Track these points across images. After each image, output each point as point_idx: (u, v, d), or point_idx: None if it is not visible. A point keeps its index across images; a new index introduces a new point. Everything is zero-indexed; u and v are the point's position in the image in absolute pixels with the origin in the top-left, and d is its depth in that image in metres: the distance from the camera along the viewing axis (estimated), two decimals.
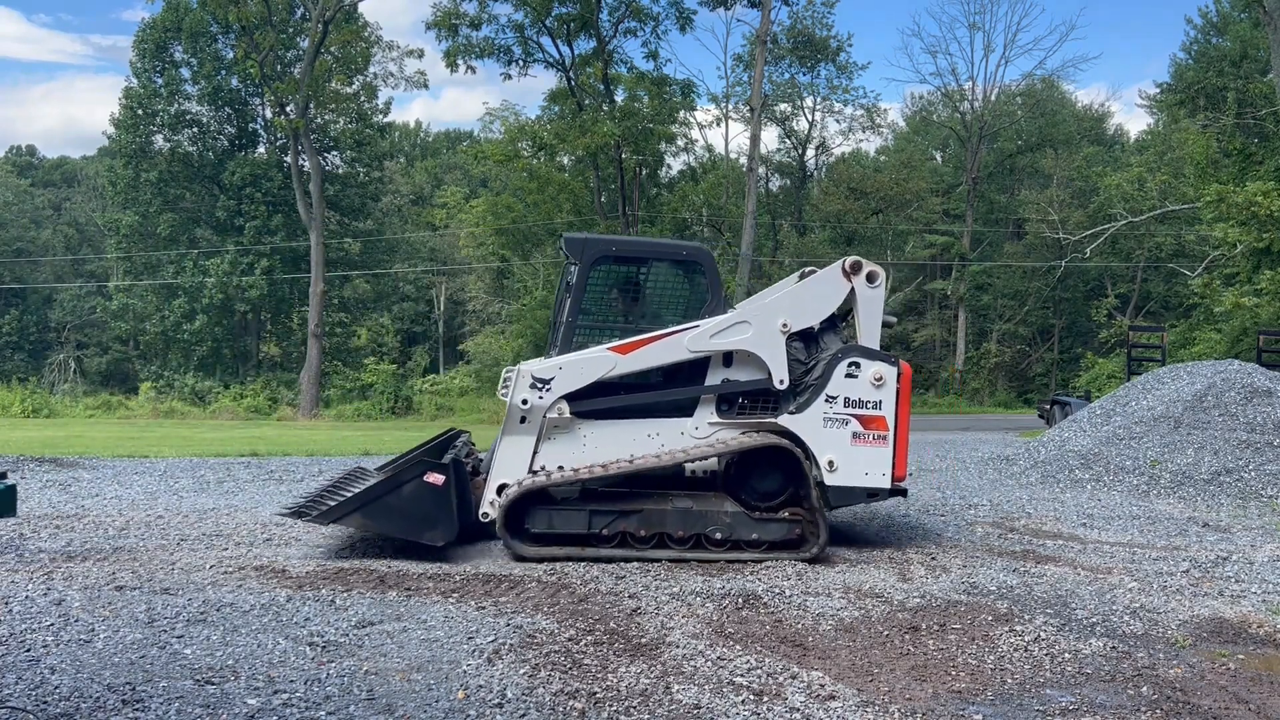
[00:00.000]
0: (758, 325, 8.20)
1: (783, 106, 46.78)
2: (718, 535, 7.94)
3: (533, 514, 7.96)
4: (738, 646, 5.52)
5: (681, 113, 40.44)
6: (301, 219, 36.99)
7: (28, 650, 5.11)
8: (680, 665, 5.16)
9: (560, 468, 8.13)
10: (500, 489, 8.05)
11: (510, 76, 37.63)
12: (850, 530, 9.52)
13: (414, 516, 7.88)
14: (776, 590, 6.84)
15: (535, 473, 8.08)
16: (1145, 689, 4.97)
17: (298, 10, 40.06)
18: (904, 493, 8.31)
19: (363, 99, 43.74)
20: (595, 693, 4.70)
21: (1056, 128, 47.96)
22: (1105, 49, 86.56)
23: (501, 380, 8.27)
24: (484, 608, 6.23)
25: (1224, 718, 4.64)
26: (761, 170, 45.39)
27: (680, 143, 43.95)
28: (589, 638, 5.61)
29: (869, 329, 8.35)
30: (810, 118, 48.08)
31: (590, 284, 8.46)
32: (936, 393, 44.08)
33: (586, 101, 36.69)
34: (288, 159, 41.03)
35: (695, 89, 39.05)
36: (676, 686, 4.82)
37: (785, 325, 8.20)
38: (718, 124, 47.61)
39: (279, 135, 42.89)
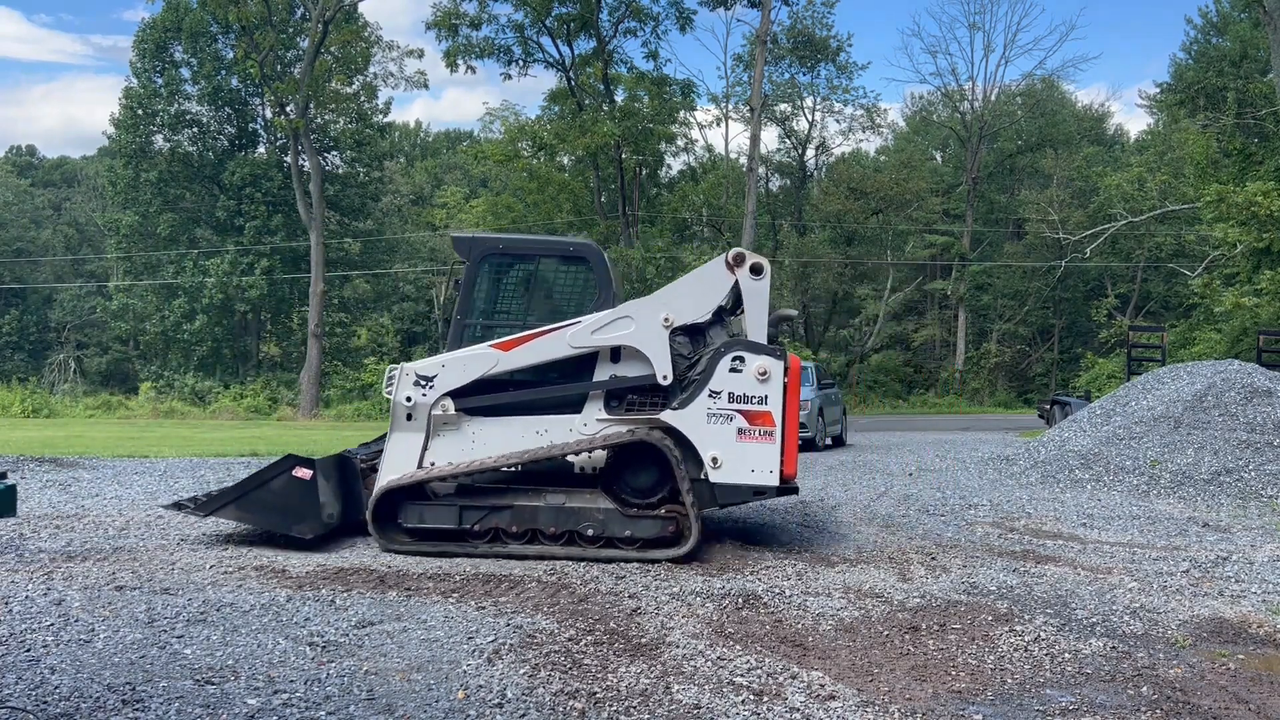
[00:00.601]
0: (640, 320, 8.05)
1: (783, 106, 46.80)
2: (590, 532, 7.87)
3: (405, 508, 8.02)
4: (738, 646, 5.52)
5: (681, 113, 40.46)
6: (301, 219, 37.01)
7: (28, 650, 5.11)
8: (680, 665, 5.16)
9: (449, 464, 8.17)
10: None
11: (510, 76, 37.73)
12: (850, 530, 9.52)
13: (284, 510, 8.08)
14: (776, 590, 6.84)
15: (425, 470, 8.17)
16: (1145, 689, 4.97)
17: (298, 10, 40.08)
18: (794, 491, 8.17)
19: (363, 99, 43.76)
20: (595, 693, 4.70)
21: (1056, 128, 47.98)
22: (1105, 49, 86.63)
23: (386, 377, 8.37)
24: (484, 608, 6.23)
25: (1224, 718, 4.63)
26: (761, 170, 45.38)
27: (680, 143, 44.03)
28: (589, 638, 5.61)
29: (756, 322, 8.10)
30: (810, 118, 48.12)
31: (479, 282, 8.55)
32: (936, 393, 44.09)
33: (586, 101, 36.70)
34: (288, 159, 41.05)
35: (695, 89, 39.12)
36: (676, 686, 4.82)
37: (668, 320, 8.02)
38: (718, 124, 47.70)
39: (279, 135, 42.91)
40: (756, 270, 8.06)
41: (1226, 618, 6.36)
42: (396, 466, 8.18)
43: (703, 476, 7.92)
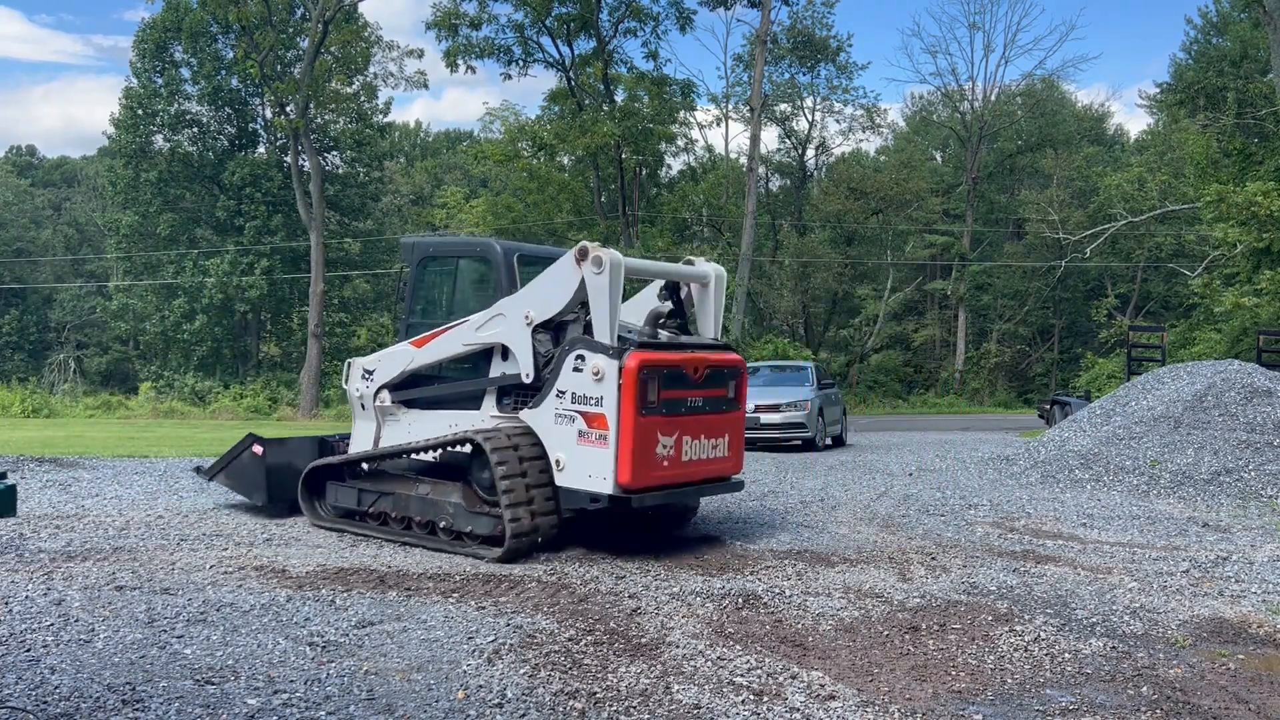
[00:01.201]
0: (509, 318, 8.14)
1: (783, 106, 46.79)
2: (443, 524, 8.16)
3: (328, 488, 9.14)
4: (738, 646, 5.52)
5: (681, 113, 40.45)
6: (301, 219, 36.99)
7: (28, 650, 5.11)
8: (680, 665, 5.16)
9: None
10: None
11: (510, 76, 37.71)
12: (850, 530, 9.52)
13: (247, 480, 9.66)
14: (776, 590, 6.84)
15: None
16: (1145, 689, 4.97)
17: (298, 10, 40.06)
18: (627, 503, 7.57)
19: (363, 99, 43.75)
20: (595, 693, 4.70)
21: (1056, 128, 47.97)
22: (1105, 49, 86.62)
23: (345, 370, 9.38)
24: (484, 608, 6.22)
25: (1224, 718, 4.63)
26: (761, 170, 45.38)
27: (680, 143, 44.03)
28: (589, 638, 5.61)
29: (599, 319, 7.70)
30: (810, 118, 48.11)
31: (418, 282, 9.21)
32: (936, 393, 44.08)
33: (586, 101, 36.69)
34: (288, 159, 41.04)
35: (695, 89, 39.11)
36: (676, 686, 4.82)
37: (529, 317, 8.03)
38: (718, 124, 47.70)
39: (279, 135, 42.90)
40: (597, 264, 7.70)
41: (1226, 618, 6.36)
42: (358, 450, 9.13)
43: (552, 479, 7.85)
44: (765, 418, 18.07)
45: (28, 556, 7.50)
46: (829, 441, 19.51)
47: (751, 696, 4.72)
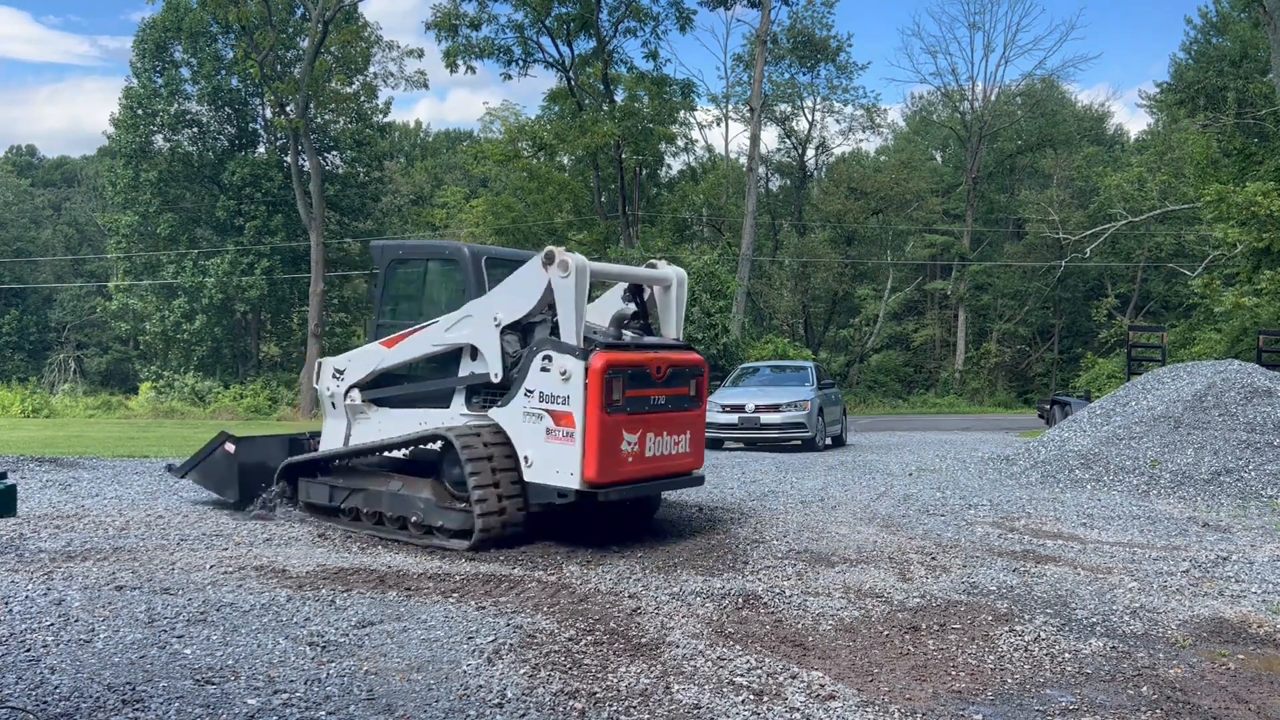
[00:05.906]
0: (478, 319, 8.38)
1: (783, 106, 46.82)
2: (414, 519, 8.41)
3: (300, 484, 9.42)
4: (738, 646, 5.52)
5: (681, 113, 40.47)
6: (301, 219, 36.98)
7: (28, 650, 5.11)
8: (680, 665, 5.16)
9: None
10: None
11: (510, 77, 37.79)
12: (850, 530, 9.52)
13: (217, 478, 9.87)
14: (776, 590, 6.84)
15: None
16: (1145, 689, 4.97)
17: (298, 10, 40.06)
18: (594, 497, 7.80)
19: (362, 99, 43.74)
20: (595, 693, 4.70)
21: (1056, 128, 47.99)
22: (1106, 49, 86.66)
23: (316, 370, 9.68)
24: (484, 608, 6.22)
25: (1224, 718, 4.63)
26: (761, 170, 45.39)
27: (680, 143, 44.05)
28: (589, 638, 5.61)
29: (566, 321, 7.93)
30: (810, 118, 48.13)
31: (388, 284, 9.45)
32: (936, 393, 44.07)
33: (586, 101, 36.71)
34: (288, 159, 41.03)
35: (695, 89, 39.19)
36: (676, 686, 4.82)
37: (498, 319, 8.26)
38: (718, 124, 47.94)
39: (279, 135, 42.89)
40: (563, 268, 7.93)
41: (1226, 618, 6.36)
42: (329, 448, 9.32)
43: (521, 475, 8.09)
44: (765, 418, 18.05)
45: (28, 556, 7.50)
46: (829, 441, 19.50)
47: (751, 696, 4.72)
